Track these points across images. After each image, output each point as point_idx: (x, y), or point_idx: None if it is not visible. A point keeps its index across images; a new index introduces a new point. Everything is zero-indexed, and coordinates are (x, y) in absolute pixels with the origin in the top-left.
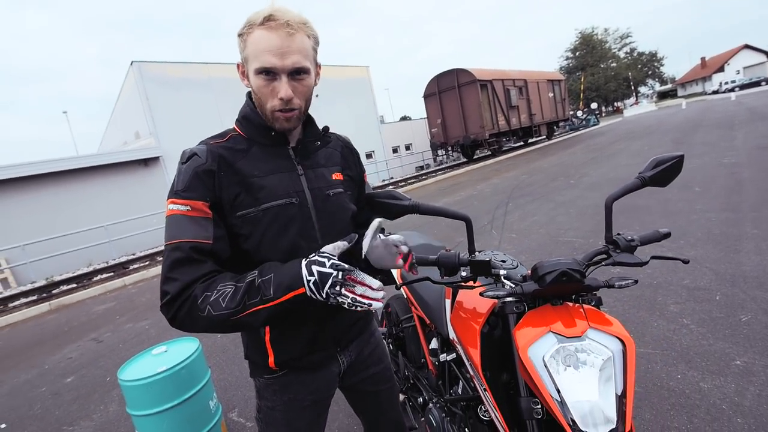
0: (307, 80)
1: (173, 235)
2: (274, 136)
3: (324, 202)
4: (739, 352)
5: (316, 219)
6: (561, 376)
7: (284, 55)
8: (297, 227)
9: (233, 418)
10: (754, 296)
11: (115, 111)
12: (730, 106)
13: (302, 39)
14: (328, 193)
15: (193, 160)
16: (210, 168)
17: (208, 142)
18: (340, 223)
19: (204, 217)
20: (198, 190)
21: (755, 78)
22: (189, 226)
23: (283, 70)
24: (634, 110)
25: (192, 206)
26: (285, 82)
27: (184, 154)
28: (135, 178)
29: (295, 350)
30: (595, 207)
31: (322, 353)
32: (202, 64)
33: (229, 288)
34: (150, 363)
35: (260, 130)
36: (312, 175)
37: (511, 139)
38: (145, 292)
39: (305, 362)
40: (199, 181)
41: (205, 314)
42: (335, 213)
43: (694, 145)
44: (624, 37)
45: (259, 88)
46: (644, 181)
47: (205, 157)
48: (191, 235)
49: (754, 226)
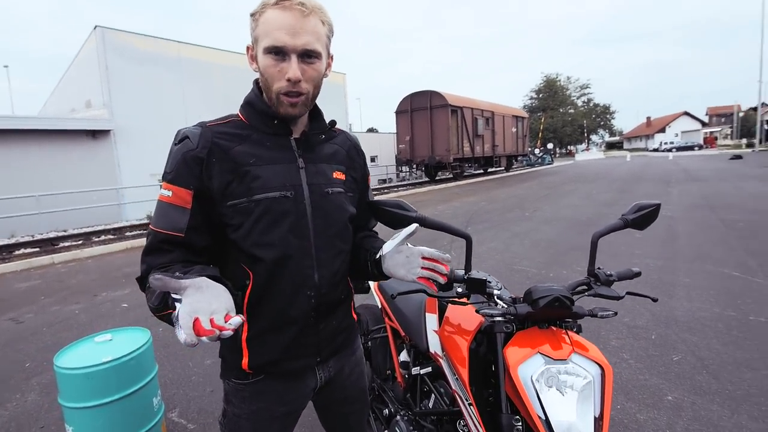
0: (317, 65)
1: (154, 221)
2: (277, 124)
3: (322, 200)
4: (671, 388)
5: (311, 216)
6: (545, 396)
7: (296, 35)
8: (289, 223)
9: (173, 419)
10: (685, 339)
11: (67, 75)
12: (667, 165)
13: (316, 22)
14: (327, 190)
15: (183, 144)
16: (199, 155)
17: (205, 124)
18: (336, 224)
19: (182, 207)
20: (182, 177)
21: (690, 142)
22: (167, 214)
23: (293, 50)
24: (585, 155)
25: (174, 192)
26: (294, 63)
27: (177, 134)
28: (80, 149)
29: (272, 353)
30: (547, 241)
31: (301, 361)
32: (174, 42)
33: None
34: (92, 351)
35: (263, 117)
36: (313, 169)
37: (473, 165)
38: (77, 273)
39: (282, 369)
40: (186, 167)
41: (149, 303)
42: (332, 213)
43: (637, 196)
44: (584, 87)
45: (266, 68)
46: (627, 223)
47: (197, 142)
48: (165, 225)
49: (686, 275)
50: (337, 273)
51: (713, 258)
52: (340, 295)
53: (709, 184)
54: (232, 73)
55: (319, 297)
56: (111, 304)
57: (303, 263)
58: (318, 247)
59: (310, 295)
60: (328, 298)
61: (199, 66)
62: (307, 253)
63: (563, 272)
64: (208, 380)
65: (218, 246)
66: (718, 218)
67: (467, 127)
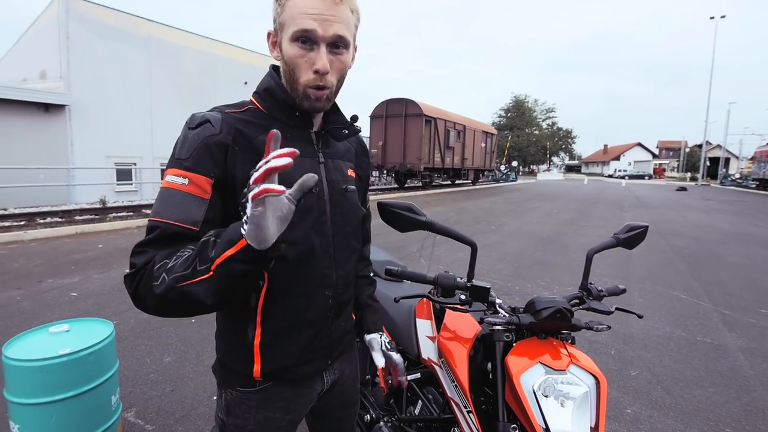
0: (345, 56)
1: (159, 212)
2: (299, 116)
3: (340, 197)
4: (630, 402)
5: (330, 213)
6: (544, 405)
7: (327, 22)
8: (312, 220)
9: (129, 419)
10: (641, 355)
11: (22, 41)
12: (621, 191)
13: (346, 10)
14: (344, 187)
15: (204, 128)
16: (224, 141)
17: (223, 110)
18: (352, 222)
19: (200, 197)
20: (204, 164)
21: (641, 172)
22: (181, 204)
23: (323, 39)
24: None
25: (191, 180)
26: (323, 53)
27: (194, 119)
28: (30, 123)
29: (287, 358)
30: (513, 255)
31: (314, 364)
32: (145, 19)
33: (188, 251)
34: (46, 342)
35: (284, 107)
36: (331, 165)
37: (442, 176)
38: (18, 256)
39: (295, 374)
40: (208, 153)
41: (159, 282)
42: (350, 211)
43: (593, 218)
44: (549, 110)
45: (292, 58)
46: (619, 241)
47: (220, 127)
48: (178, 217)
49: (639, 295)
50: (351, 272)
51: (663, 280)
52: (350, 295)
53: (658, 212)
54: (204, 59)
55: (336, 297)
56: (58, 292)
57: (323, 262)
58: (336, 245)
59: (328, 295)
60: (343, 297)
61: (169, 47)
62: (327, 252)
63: (528, 286)
64: (167, 378)
65: None
66: (667, 243)
67: (439, 138)
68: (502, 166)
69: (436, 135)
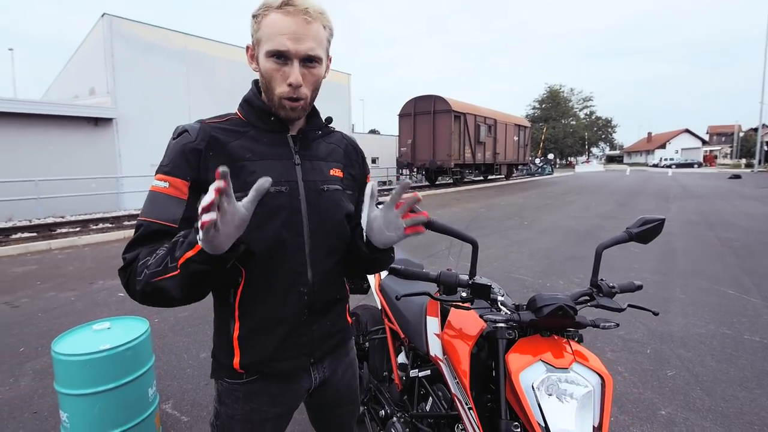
0: (317, 69)
1: (146, 212)
2: (274, 121)
3: (317, 197)
4: (665, 403)
5: (306, 213)
6: (545, 403)
7: (299, 41)
8: (283, 218)
9: (167, 410)
10: (679, 354)
11: (72, 61)
12: (666, 180)
13: (318, 28)
14: (322, 187)
15: (182, 137)
16: (197, 147)
17: (203, 120)
18: (331, 221)
19: (179, 198)
20: (180, 168)
21: (690, 160)
22: (162, 205)
23: (296, 55)
24: (585, 168)
25: (171, 183)
26: (296, 68)
27: (176, 130)
28: (81, 136)
29: (264, 352)
30: (545, 250)
31: (293, 361)
32: (181, 33)
33: (162, 250)
34: (90, 338)
35: (260, 114)
36: (309, 166)
37: (473, 172)
38: (73, 260)
39: (274, 368)
40: (184, 159)
41: (141, 278)
42: (328, 210)
43: (635, 210)
44: (586, 99)
45: (268, 72)
46: (631, 236)
47: (195, 136)
48: (159, 216)
49: (682, 291)
50: (332, 272)
51: (709, 275)
52: (335, 296)
53: (707, 202)
54: (237, 68)
55: (312, 295)
56: (107, 293)
57: (297, 260)
58: (312, 245)
59: (303, 292)
60: (322, 297)
61: (204, 59)
62: (300, 250)
63: (560, 282)
64: (202, 373)
65: None
66: (716, 236)
67: (469, 134)
68: (537, 160)
69: (465, 130)
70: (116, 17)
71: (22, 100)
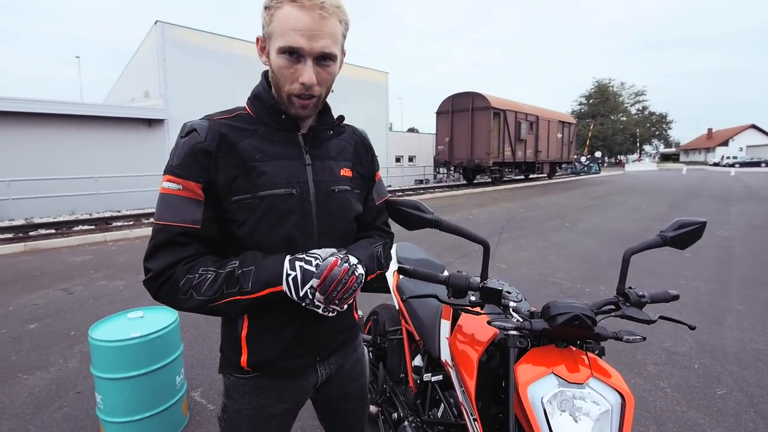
0: (332, 67)
1: (162, 215)
2: (285, 119)
3: (327, 198)
4: (711, 425)
5: (315, 214)
6: (556, 420)
7: (314, 38)
8: (294, 220)
9: (195, 398)
10: (732, 372)
11: (130, 66)
12: (728, 181)
13: (334, 24)
14: (333, 188)
15: (191, 137)
16: (207, 148)
17: (212, 117)
18: (341, 222)
19: (195, 199)
20: (192, 170)
21: (756, 158)
22: (179, 207)
23: (310, 54)
24: (636, 166)
25: (184, 186)
26: (310, 66)
27: (184, 128)
28: (136, 136)
29: (271, 352)
30: (587, 253)
31: (300, 360)
32: (226, 37)
33: (210, 274)
34: (124, 326)
35: (271, 111)
36: (320, 166)
37: (513, 170)
38: (125, 251)
39: (281, 367)
40: (195, 160)
41: (187, 297)
42: (337, 211)
43: (691, 213)
44: (638, 94)
45: (279, 69)
46: (665, 240)
47: (205, 135)
48: (179, 218)
49: (739, 302)
50: None
51: None
52: None
53: None
54: None
55: None
56: None
57: None
58: (321, 245)
59: None
60: None
61: (247, 61)
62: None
63: (601, 288)
64: None
65: (223, 242)
66: None
67: (509, 131)
68: (582, 158)
69: (505, 128)
70: (168, 24)
71: (83, 103)
